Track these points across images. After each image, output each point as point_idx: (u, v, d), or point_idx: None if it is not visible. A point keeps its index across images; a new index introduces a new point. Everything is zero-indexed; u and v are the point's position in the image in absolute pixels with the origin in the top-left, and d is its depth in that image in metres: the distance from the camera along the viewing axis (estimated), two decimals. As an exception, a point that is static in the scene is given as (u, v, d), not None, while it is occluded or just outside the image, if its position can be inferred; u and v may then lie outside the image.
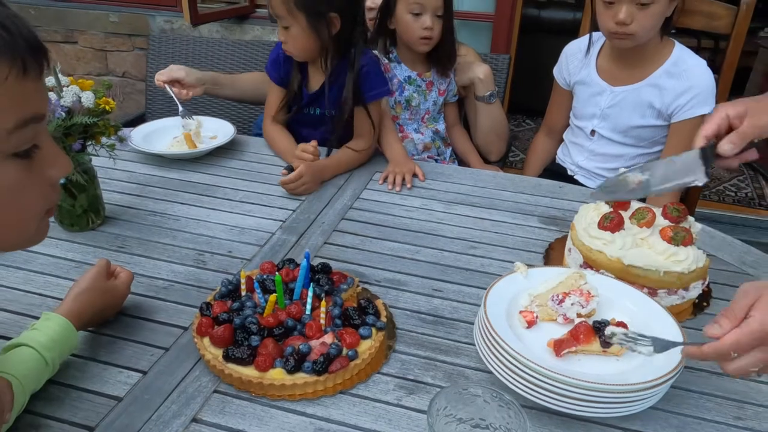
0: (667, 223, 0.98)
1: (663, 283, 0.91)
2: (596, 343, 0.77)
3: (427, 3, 1.54)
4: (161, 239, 1.11)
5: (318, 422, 0.73)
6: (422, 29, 1.56)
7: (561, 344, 0.77)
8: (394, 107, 1.70)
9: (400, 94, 1.70)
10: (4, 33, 0.46)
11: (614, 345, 0.76)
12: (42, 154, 0.53)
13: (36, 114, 0.51)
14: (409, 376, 0.81)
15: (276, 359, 0.77)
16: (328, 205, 1.26)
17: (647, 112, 1.51)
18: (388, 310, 0.92)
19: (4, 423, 0.66)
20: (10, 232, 0.54)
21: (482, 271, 1.05)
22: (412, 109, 1.72)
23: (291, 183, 1.27)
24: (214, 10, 2.98)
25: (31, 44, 0.48)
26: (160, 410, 0.74)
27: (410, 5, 1.55)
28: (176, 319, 0.90)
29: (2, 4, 0.47)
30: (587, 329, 0.77)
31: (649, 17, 1.37)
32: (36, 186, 0.54)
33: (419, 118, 1.75)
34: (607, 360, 0.77)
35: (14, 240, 0.56)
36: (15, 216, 0.54)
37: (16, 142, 0.50)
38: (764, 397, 0.79)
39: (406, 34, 1.60)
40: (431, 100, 1.74)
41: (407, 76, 1.69)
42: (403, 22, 1.58)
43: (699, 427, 0.75)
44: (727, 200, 3.26)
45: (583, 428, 0.73)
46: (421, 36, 1.58)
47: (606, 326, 0.76)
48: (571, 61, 1.63)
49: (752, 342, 0.63)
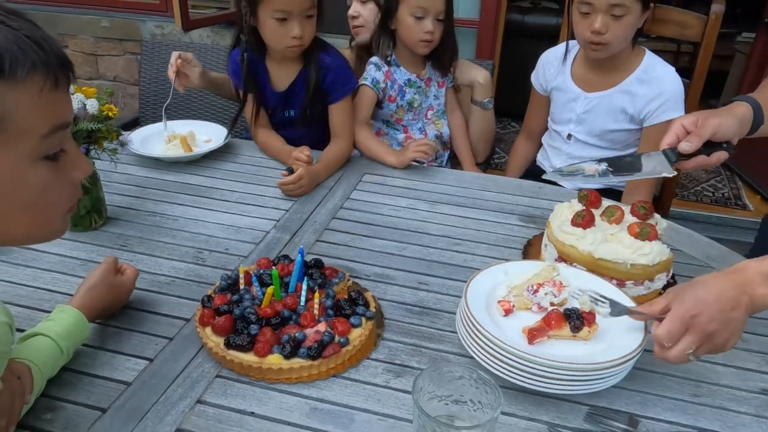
0: (635, 220, 1.06)
1: (630, 275, 0.99)
2: (566, 329, 0.84)
3: (430, 7, 1.56)
4: (161, 238, 1.17)
5: (313, 402, 0.80)
6: (424, 32, 1.59)
7: (534, 332, 0.84)
8: (396, 111, 1.75)
9: (401, 98, 1.73)
10: (40, 51, 0.52)
11: (583, 329, 0.84)
12: (67, 157, 0.60)
13: (64, 121, 0.57)
14: (396, 361, 0.88)
15: (273, 346, 0.84)
16: (320, 205, 1.33)
17: (620, 117, 1.59)
18: (377, 301, 0.99)
19: (25, 404, 0.72)
20: (38, 226, 0.61)
21: (465, 266, 1.12)
22: (414, 110, 1.76)
23: (290, 185, 1.33)
24: (204, 15, 3.04)
25: (61, 60, 0.55)
26: (167, 393, 0.80)
27: (413, 9, 1.57)
28: (178, 312, 0.96)
29: (35, 25, 0.54)
30: (558, 316, 0.85)
31: (623, 28, 1.45)
32: (62, 185, 0.60)
33: (423, 116, 1.80)
34: (577, 344, 0.84)
35: (41, 233, 0.63)
36: (43, 212, 0.60)
37: (48, 146, 0.56)
38: (719, 376, 0.87)
39: (407, 36, 1.63)
40: (432, 95, 1.78)
41: (407, 79, 1.72)
42: (405, 25, 1.61)
43: (659, 402, 0.82)
44: (704, 200, 3.37)
45: (554, 405, 0.81)
46: (421, 39, 1.60)
47: (581, 319, 0.84)
48: (547, 69, 1.71)
49: (680, 327, 0.73)
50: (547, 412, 0.80)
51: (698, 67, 1.77)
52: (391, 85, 1.70)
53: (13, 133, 0.53)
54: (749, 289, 0.73)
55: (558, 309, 0.87)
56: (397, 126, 1.78)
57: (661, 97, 1.52)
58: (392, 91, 1.71)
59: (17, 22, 0.52)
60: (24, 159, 0.55)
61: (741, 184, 3.55)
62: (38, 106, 0.54)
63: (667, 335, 0.73)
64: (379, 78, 1.67)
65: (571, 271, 0.98)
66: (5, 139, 0.52)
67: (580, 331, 0.84)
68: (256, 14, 1.40)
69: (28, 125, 0.54)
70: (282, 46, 1.44)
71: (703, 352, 0.75)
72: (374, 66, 1.68)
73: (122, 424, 0.75)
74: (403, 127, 1.78)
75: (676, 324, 0.73)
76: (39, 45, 0.53)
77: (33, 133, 0.54)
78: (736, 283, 0.74)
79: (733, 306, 0.73)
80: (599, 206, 1.10)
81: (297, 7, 1.38)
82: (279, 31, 1.41)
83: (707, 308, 0.73)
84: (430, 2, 1.56)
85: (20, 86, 0.52)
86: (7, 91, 0.51)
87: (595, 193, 1.10)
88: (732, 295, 0.73)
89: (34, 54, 0.52)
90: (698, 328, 0.73)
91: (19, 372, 0.71)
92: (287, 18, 1.39)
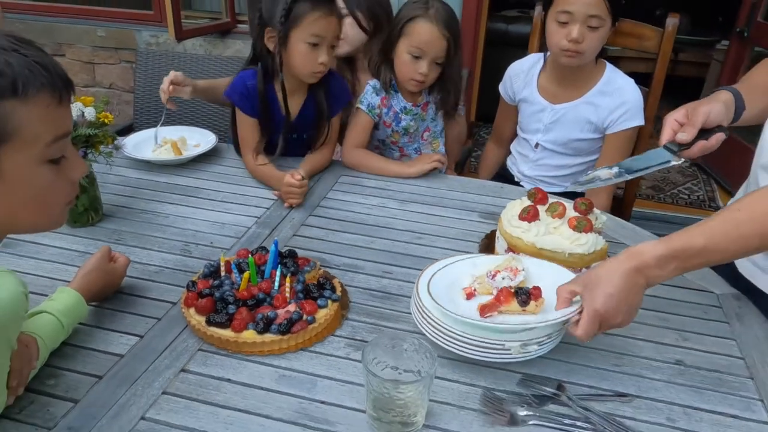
0: (576, 214, 1.18)
1: (568, 263, 1.11)
2: (514, 303, 0.96)
3: (428, 50, 1.55)
4: (152, 233, 1.30)
5: (282, 371, 0.92)
6: (417, 72, 1.58)
7: (485, 307, 0.96)
8: (391, 135, 1.75)
9: (397, 125, 1.73)
10: (47, 74, 0.65)
11: (530, 303, 0.95)
12: (67, 160, 0.72)
13: (66, 132, 0.70)
14: (357, 337, 1.00)
15: (249, 323, 0.96)
16: (298, 203, 1.46)
17: (585, 127, 1.70)
18: (344, 287, 1.11)
19: (32, 369, 0.84)
20: (42, 217, 0.73)
21: (426, 257, 1.24)
22: (410, 134, 1.77)
23: (295, 187, 1.39)
24: (197, 25, 3.17)
25: (64, 81, 0.68)
26: (155, 363, 0.92)
27: (411, 47, 1.56)
28: (166, 296, 1.08)
29: (43, 52, 0.66)
30: (507, 292, 0.96)
31: (596, 39, 1.56)
32: (62, 184, 0.73)
33: (419, 138, 1.80)
34: (513, 319, 0.96)
35: (44, 223, 0.75)
36: (47, 205, 0.73)
37: (52, 152, 0.69)
38: (638, 350, 1.00)
39: (400, 70, 1.63)
40: (429, 118, 1.78)
41: (403, 106, 1.71)
42: (400, 60, 1.60)
43: (584, 371, 0.95)
44: (680, 203, 3.51)
45: (490, 373, 0.93)
46: (413, 78, 1.60)
47: (527, 294, 0.95)
48: (514, 81, 1.81)
49: (594, 326, 0.86)
50: (485, 379, 0.92)
51: (656, 75, 1.89)
52: (386, 112, 1.71)
53: (23, 141, 0.65)
54: (646, 271, 0.86)
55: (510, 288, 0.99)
56: (393, 147, 1.80)
57: (623, 106, 1.64)
58: (387, 117, 1.72)
59: (28, 50, 0.65)
60: (32, 162, 0.67)
61: (716, 186, 3.68)
62: (44, 119, 0.66)
63: (585, 335, 0.86)
64: (375, 103, 1.68)
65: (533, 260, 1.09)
66: (17, 146, 0.65)
67: (528, 305, 0.96)
68: (287, 37, 1.44)
69: (36, 135, 0.66)
70: (308, 71, 1.48)
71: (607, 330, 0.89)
72: (372, 89, 1.69)
73: (116, 388, 0.87)
74: (399, 148, 1.80)
75: (591, 325, 0.86)
76: (46, 69, 0.65)
77: (39, 142, 0.67)
78: (634, 270, 0.85)
79: (634, 293, 0.86)
80: (546, 203, 1.22)
81: (331, 33, 1.45)
82: (309, 56, 1.45)
83: (615, 305, 0.85)
84: (428, 45, 1.55)
85: (30, 103, 0.64)
86: (20, 107, 0.63)
87: (542, 191, 1.23)
88: (632, 283, 0.85)
89: (42, 77, 0.64)
90: (608, 323, 0.87)
91: (27, 342, 0.83)
92: (319, 44, 1.45)
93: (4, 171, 0.65)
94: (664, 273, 0.87)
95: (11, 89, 0.62)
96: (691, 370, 0.95)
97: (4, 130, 0.63)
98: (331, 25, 1.45)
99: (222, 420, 0.83)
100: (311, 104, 1.60)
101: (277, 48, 1.47)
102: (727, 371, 0.95)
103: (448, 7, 1.61)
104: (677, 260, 0.86)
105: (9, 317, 0.68)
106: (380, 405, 0.80)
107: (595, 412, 0.85)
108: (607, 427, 0.83)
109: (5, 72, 0.62)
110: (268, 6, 1.45)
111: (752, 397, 0.90)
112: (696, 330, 1.05)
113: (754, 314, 1.09)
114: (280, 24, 1.42)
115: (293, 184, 1.40)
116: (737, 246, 0.88)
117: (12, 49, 0.63)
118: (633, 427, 0.84)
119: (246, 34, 3.31)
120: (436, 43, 1.56)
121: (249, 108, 1.54)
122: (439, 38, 1.55)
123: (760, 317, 1.08)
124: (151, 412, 0.83)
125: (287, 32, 1.43)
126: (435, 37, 1.55)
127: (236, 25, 3.34)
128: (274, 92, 1.56)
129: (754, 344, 1.01)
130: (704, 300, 1.14)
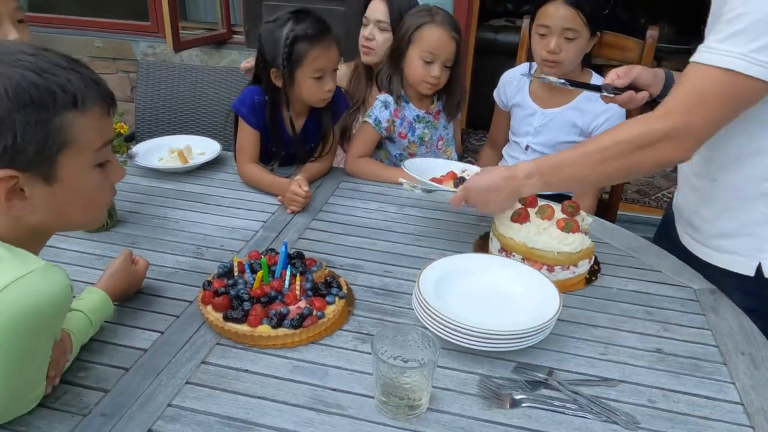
0: (563, 216, 1.27)
1: (558, 261, 1.20)
2: (450, 183, 1.35)
3: (439, 53, 1.65)
4: (165, 237, 1.37)
5: (295, 362, 0.99)
6: (430, 76, 1.67)
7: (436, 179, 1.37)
8: (408, 146, 1.82)
9: (412, 134, 1.80)
10: (98, 89, 0.74)
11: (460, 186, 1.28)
12: (110, 164, 0.80)
13: (110, 139, 0.78)
14: (363, 331, 1.08)
15: (263, 318, 1.03)
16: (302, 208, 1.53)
17: (572, 130, 1.81)
18: (349, 285, 1.19)
19: (65, 362, 0.91)
20: (89, 215, 0.84)
21: (424, 258, 1.32)
22: (426, 144, 1.84)
23: (300, 196, 1.46)
24: (195, 36, 3.24)
25: (110, 95, 0.76)
26: (177, 356, 0.99)
27: (423, 53, 1.65)
28: (183, 296, 1.15)
29: (92, 70, 0.75)
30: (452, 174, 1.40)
31: (573, 49, 1.68)
32: (106, 186, 0.82)
33: (434, 147, 1.88)
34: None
35: (90, 221, 0.87)
36: (93, 206, 0.83)
37: (100, 157, 0.78)
38: (623, 339, 1.08)
39: (413, 75, 1.71)
40: (441, 126, 1.87)
41: (416, 115, 1.79)
42: (413, 66, 1.69)
43: (573, 359, 1.03)
44: (664, 206, 3.62)
45: (487, 362, 1.01)
46: (427, 81, 1.69)
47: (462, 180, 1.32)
48: (507, 87, 1.93)
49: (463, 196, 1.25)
50: (482, 367, 1.00)
51: (637, 85, 2.00)
52: (400, 122, 1.78)
53: (79, 148, 0.74)
54: (514, 182, 1.17)
55: None
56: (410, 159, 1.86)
57: (606, 112, 1.74)
58: (402, 128, 1.78)
59: (81, 69, 0.74)
60: (84, 167, 0.77)
61: (698, 190, 3.80)
62: (96, 128, 0.76)
63: (453, 201, 1.27)
64: (383, 118, 1.74)
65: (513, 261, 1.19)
66: (74, 152, 0.74)
67: None
68: (293, 75, 1.52)
69: (89, 142, 0.75)
70: (317, 99, 1.58)
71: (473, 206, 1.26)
72: (381, 104, 1.75)
73: (142, 379, 0.94)
74: None
75: (460, 194, 1.25)
76: (98, 84, 0.74)
77: (91, 148, 0.76)
78: (504, 177, 1.18)
79: (495, 189, 1.19)
80: (535, 206, 1.31)
81: (332, 64, 1.54)
82: (316, 87, 1.54)
83: (478, 188, 1.22)
84: (440, 49, 1.65)
85: (87, 114, 0.73)
86: (79, 118, 0.73)
87: (532, 195, 1.31)
88: (497, 184, 1.19)
89: (95, 91, 0.73)
90: (471, 199, 1.23)
91: (62, 336, 0.90)
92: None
93: (63, 175, 0.74)
94: (529, 183, 1.17)
95: (72, 102, 0.72)
96: (670, 358, 1.04)
97: (66, 138, 0.72)
98: (332, 56, 1.53)
99: (243, 406, 0.90)
100: (314, 119, 1.69)
101: (283, 85, 1.55)
102: (702, 358, 1.04)
103: (449, 14, 1.74)
104: (539, 174, 1.16)
105: (59, 310, 0.75)
106: (388, 390, 0.88)
107: (583, 395, 0.94)
108: (594, 408, 0.91)
109: (67, 88, 0.71)
110: (270, 49, 1.52)
111: (725, 381, 0.99)
112: (675, 321, 1.14)
113: (727, 307, 1.18)
114: (284, 67, 1.50)
115: (299, 193, 1.47)
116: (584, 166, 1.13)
117: (70, 68, 0.72)
118: (617, 408, 0.92)
119: (241, 45, 3.39)
120: (446, 46, 1.66)
121: (255, 122, 1.61)
122: (449, 40, 1.67)
123: (734, 309, 1.17)
124: (176, 400, 0.90)
125: (292, 71, 1.52)
126: (445, 40, 1.66)
127: (232, 36, 3.42)
128: (281, 116, 1.64)
129: (727, 334, 1.10)
130: (683, 295, 1.23)
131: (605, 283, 1.26)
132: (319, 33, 1.49)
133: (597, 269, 1.30)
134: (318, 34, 1.49)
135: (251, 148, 1.63)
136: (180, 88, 2.46)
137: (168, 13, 2.90)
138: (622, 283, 1.26)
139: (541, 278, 1.13)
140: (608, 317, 1.15)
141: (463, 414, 0.90)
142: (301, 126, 1.68)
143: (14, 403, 0.79)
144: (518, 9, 5.99)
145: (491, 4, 5.54)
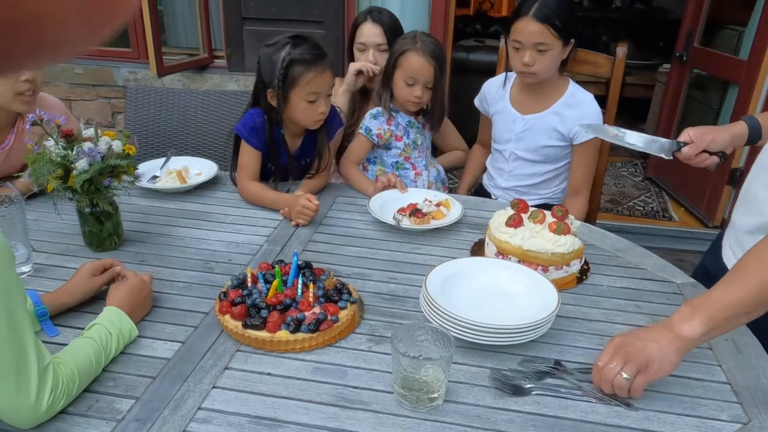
0: (554, 220, 1.35)
1: (551, 262, 1.28)
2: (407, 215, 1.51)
3: (419, 77, 1.81)
4: (172, 254, 1.41)
5: (315, 364, 1.05)
6: (413, 96, 1.84)
7: None
8: (404, 149, 1.97)
9: (407, 137, 1.96)
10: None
11: None
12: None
13: None
14: (375, 333, 1.13)
15: (281, 324, 1.08)
16: (302, 223, 1.59)
17: (553, 135, 1.90)
18: (358, 292, 1.25)
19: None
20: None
21: (425, 264, 1.39)
22: (419, 148, 1.99)
23: (310, 210, 1.53)
24: (177, 62, 3.29)
25: None
26: (200, 363, 1.03)
27: (405, 77, 1.82)
28: (198, 308, 1.20)
29: None
30: None
31: (547, 60, 1.77)
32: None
33: (425, 154, 2.03)
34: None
35: None
36: None
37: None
38: (617, 331, 1.16)
39: (399, 96, 1.89)
40: (428, 137, 2.04)
41: (408, 120, 1.95)
42: (398, 87, 1.86)
43: (573, 350, 1.11)
44: (636, 214, 3.77)
45: (495, 356, 1.08)
46: (410, 100, 1.86)
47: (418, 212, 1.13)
48: (488, 95, 2.02)
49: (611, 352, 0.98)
50: (491, 361, 1.07)
51: (610, 98, 2.12)
52: (395, 127, 1.93)
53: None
54: (672, 327, 0.96)
55: None
56: (406, 165, 1.99)
57: (585, 119, 1.83)
58: (398, 131, 1.94)
59: None
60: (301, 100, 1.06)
61: (668, 198, 3.97)
62: None
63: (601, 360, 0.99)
64: (373, 126, 1.90)
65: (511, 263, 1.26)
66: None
67: None
68: (287, 96, 1.57)
69: None
70: (310, 121, 1.64)
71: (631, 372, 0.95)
72: (370, 116, 1.93)
73: (170, 386, 0.98)
74: (412, 164, 1.99)
75: (608, 350, 0.99)
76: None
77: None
78: (661, 326, 0.98)
79: (654, 339, 0.96)
80: (527, 211, 1.40)
81: (325, 88, 1.59)
82: (309, 110, 1.59)
83: (631, 341, 0.98)
84: (420, 74, 1.81)
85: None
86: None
87: (524, 202, 1.40)
88: (656, 333, 0.97)
89: None
90: (621, 351, 0.97)
91: None
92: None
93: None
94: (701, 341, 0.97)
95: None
96: (662, 345, 1.12)
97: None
98: (326, 80, 1.60)
99: (270, 406, 0.95)
100: (311, 138, 1.77)
101: (279, 105, 1.61)
102: (690, 344, 1.13)
103: (434, 39, 1.87)
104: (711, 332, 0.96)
105: None
106: (408, 384, 0.94)
107: (587, 382, 1.01)
108: (597, 393, 0.99)
109: None
110: (267, 71, 1.60)
111: (712, 364, 1.07)
112: (663, 313, 1.22)
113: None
114: (279, 88, 1.57)
115: (309, 207, 1.53)
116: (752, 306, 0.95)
117: None
118: (618, 392, 0.99)
119: (222, 69, 3.45)
120: (425, 71, 1.81)
121: (256, 142, 1.68)
122: (427, 66, 1.81)
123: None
124: (206, 403, 0.94)
125: (286, 92, 1.58)
126: (425, 65, 1.81)
127: (213, 61, 3.48)
128: (280, 135, 1.71)
129: (711, 322, 1.19)
130: (668, 289, 1.32)
131: (596, 282, 1.34)
132: (314, 57, 1.57)
133: (587, 269, 1.38)
134: (314, 58, 1.57)
135: (252, 167, 1.70)
136: (168, 111, 2.50)
137: (151, 38, 2.94)
138: (611, 280, 1.35)
139: (539, 277, 1.20)
140: (602, 312, 1.23)
141: (477, 403, 0.97)
142: (299, 144, 1.76)
143: (20, 379, 0.82)
144: (486, 30, 6.20)
145: (461, 25, 5.73)
